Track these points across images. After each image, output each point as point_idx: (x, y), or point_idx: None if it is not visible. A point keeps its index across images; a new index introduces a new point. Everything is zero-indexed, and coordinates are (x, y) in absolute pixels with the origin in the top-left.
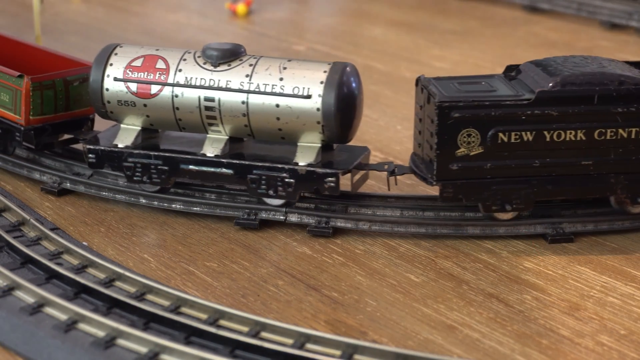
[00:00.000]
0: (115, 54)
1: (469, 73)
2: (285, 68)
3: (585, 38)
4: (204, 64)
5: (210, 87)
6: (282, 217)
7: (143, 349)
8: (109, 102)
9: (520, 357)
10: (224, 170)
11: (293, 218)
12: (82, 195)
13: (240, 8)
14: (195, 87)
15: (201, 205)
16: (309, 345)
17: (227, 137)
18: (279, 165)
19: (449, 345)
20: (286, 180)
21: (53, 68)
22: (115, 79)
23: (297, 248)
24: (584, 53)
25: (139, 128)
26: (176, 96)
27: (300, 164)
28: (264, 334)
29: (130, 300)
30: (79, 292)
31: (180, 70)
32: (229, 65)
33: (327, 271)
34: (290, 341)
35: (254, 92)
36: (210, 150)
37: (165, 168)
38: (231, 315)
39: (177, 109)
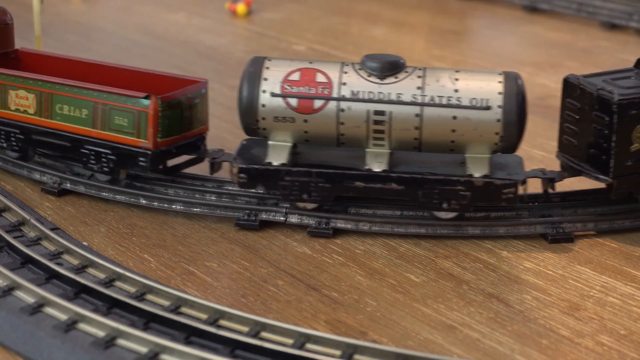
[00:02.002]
0: (267, 68)
1: None
2: (457, 79)
3: (585, 38)
4: (369, 76)
5: (380, 101)
6: (282, 218)
7: (143, 349)
8: (264, 118)
9: (520, 357)
10: (393, 185)
11: (293, 219)
12: (82, 195)
13: (240, 8)
14: (363, 100)
15: (201, 206)
16: (309, 345)
17: (389, 151)
18: (454, 178)
19: (449, 345)
20: (461, 192)
21: (148, 87)
22: (273, 95)
23: (297, 248)
24: (584, 53)
25: (290, 144)
26: (342, 110)
27: (475, 175)
28: (264, 334)
29: (130, 300)
30: (79, 292)
31: (344, 84)
32: (396, 78)
33: (327, 271)
34: (290, 341)
35: (428, 104)
36: (376, 165)
37: (328, 185)
38: (231, 315)
39: (342, 123)
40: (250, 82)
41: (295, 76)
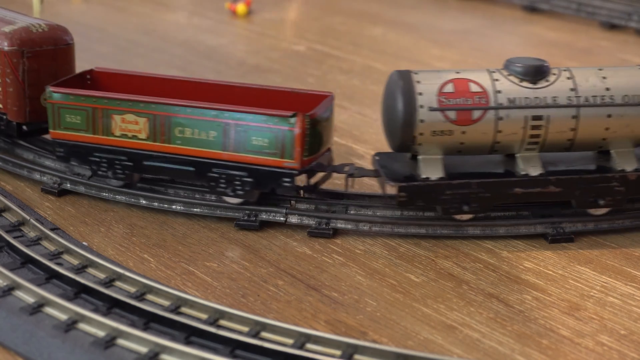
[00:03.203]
0: (419, 82)
1: None
2: (604, 77)
3: (585, 38)
4: (521, 82)
5: (537, 106)
6: (282, 218)
7: (143, 349)
8: (421, 134)
9: (520, 357)
10: (551, 188)
11: (293, 219)
12: (82, 195)
13: (240, 8)
14: (521, 107)
15: (201, 207)
16: (309, 345)
17: (538, 154)
18: (609, 175)
19: (449, 345)
20: (616, 188)
21: (258, 103)
22: (431, 109)
23: (297, 248)
24: (585, 53)
25: (442, 157)
26: (500, 119)
27: (627, 170)
28: (264, 334)
29: (130, 300)
30: (79, 292)
31: (499, 92)
32: (548, 81)
33: (327, 271)
34: (290, 341)
35: (584, 105)
36: (531, 169)
37: (487, 195)
38: (231, 315)
39: (500, 131)
40: (406, 97)
41: (449, 88)
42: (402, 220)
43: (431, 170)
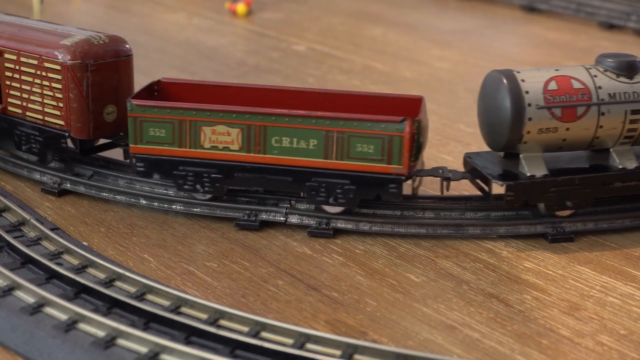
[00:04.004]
0: (523, 81)
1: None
2: None
3: (585, 38)
4: (618, 77)
5: (636, 100)
6: (282, 219)
7: (143, 349)
8: (528, 132)
9: (520, 357)
10: None
11: (293, 219)
12: (82, 195)
13: (240, 8)
14: (621, 102)
15: (201, 206)
16: (309, 345)
17: (630, 148)
18: None
19: (449, 345)
20: None
21: (350, 109)
22: (539, 107)
23: (297, 248)
24: (585, 53)
25: (542, 154)
26: (602, 114)
27: None
28: (264, 334)
29: (131, 300)
30: (79, 292)
31: (600, 88)
32: None
33: (327, 271)
34: (290, 341)
35: None
36: (628, 163)
37: (588, 190)
38: (231, 315)
39: (601, 127)
40: (514, 96)
41: (553, 85)
42: (402, 220)
43: (535, 168)
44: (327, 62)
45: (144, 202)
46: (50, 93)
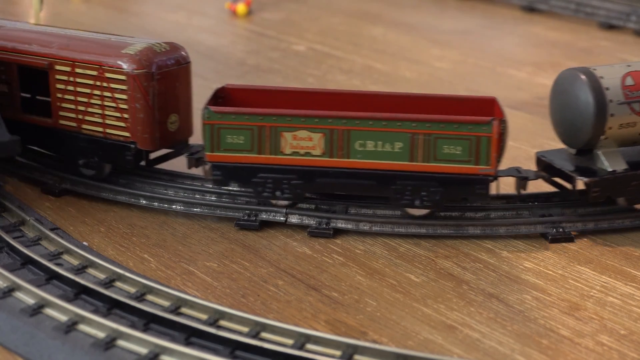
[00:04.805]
0: (602, 78)
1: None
2: None
3: (585, 38)
4: None
5: None
6: (282, 218)
7: (143, 350)
8: (610, 128)
9: (520, 357)
10: None
11: (294, 219)
12: (82, 195)
13: (240, 8)
14: None
15: (201, 206)
16: (309, 346)
17: None
18: None
19: (449, 345)
20: None
21: (424, 110)
22: (619, 103)
23: (297, 248)
24: (585, 53)
25: (618, 149)
26: None
27: None
28: (264, 334)
29: (131, 301)
30: (79, 293)
31: None
32: None
33: (327, 271)
34: (290, 341)
35: None
36: None
37: None
38: (231, 316)
39: None
40: (597, 94)
41: (629, 81)
42: (402, 220)
43: (615, 162)
44: (327, 62)
45: (144, 202)
46: (113, 104)
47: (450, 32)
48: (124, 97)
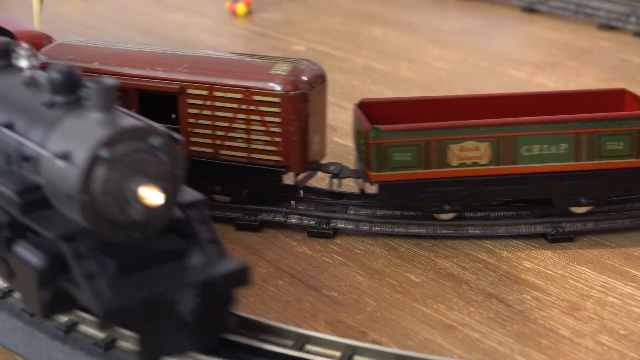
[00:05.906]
0: None
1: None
2: None
3: (585, 38)
4: None
5: None
6: (282, 219)
7: None
8: None
9: (520, 357)
10: None
11: (293, 219)
12: None
13: (240, 8)
14: None
15: None
16: (309, 347)
17: None
18: None
19: (449, 345)
20: None
21: (556, 109)
22: None
23: (297, 248)
24: (585, 53)
25: None
26: None
27: None
28: (264, 335)
29: None
30: None
31: None
32: None
33: (327, 271)
34: (290, 342)
35: None
36: None
37: None
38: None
39: None
40: None
41: None
42: (402, 220)
43: None
44: (327, 62)
45: None
46: (262, 128)
47: (450, 32)
48: (276, 119)
